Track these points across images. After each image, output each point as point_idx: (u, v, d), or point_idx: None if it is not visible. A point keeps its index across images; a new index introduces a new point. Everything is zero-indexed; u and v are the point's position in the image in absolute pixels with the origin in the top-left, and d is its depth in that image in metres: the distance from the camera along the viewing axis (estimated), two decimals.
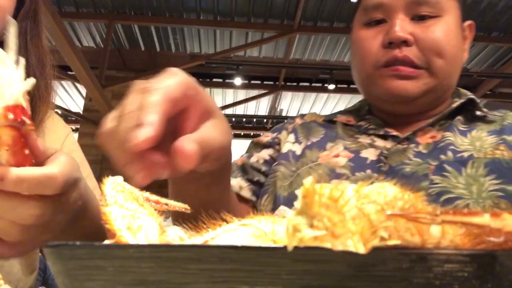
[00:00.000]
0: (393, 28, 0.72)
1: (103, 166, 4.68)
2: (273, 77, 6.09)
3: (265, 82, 6.23)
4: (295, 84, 6.23)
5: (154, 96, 0.35)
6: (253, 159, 0.86)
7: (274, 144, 0.87)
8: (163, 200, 0.30)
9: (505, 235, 0.20)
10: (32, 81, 0.35)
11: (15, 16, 0.70)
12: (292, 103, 6.83)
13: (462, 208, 0.58)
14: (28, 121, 0.35)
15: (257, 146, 0.89)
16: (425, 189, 0.66)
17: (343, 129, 0.84)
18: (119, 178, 0.28)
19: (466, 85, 6.29)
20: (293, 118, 0.93)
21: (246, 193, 0.81)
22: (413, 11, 0.73)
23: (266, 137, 0.90)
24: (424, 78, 0.72)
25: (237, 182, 0.82)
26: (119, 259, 0.20)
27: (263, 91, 6.26)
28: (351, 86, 5.99)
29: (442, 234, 0.21)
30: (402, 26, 0.72)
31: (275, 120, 7.55)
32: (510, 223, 0.20)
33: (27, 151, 0.37)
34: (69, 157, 0.42)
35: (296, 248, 0.19)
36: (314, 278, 0.19)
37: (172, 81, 0.38)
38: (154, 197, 0.29)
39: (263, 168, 0.84)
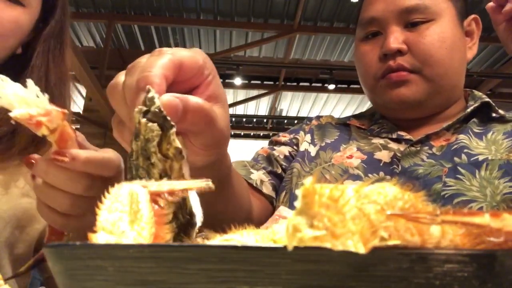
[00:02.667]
0: (387, 41, 0.75)
1: None
2: (273, 77, 6.09)
3: (265, 82, 6.23)
4: (295, 84, 6.23)
5: (162, 58, 0.36)
6: (275, 152, 0.87)
7: (293, 144, 0.89)
8: (178, 186, 0.28)
9: (505, 235, 0.20)
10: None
11: (37, 34, 0.70)
12: (292, 103, 6.83)
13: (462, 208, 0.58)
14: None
15: (276, 143, 0.90)
16: (438, 191, 0.66)
17: (356, 132, 0.85)
18: (121, 189, 0.27)
19: (466, 85, 6.27)
20: (310, 119, 0.95)
21: (266, 188, 0.80)
22: (405, 20, 0.75)
23: (284, 137, 0.91)
24: (418, 81, 0.74)
25: (258, 176, 0.81)
26: (119, 259, 0.20)
27: (263, 91, 6.25)
28: (351, 86, 5.99)
29: (442, 234, 0.21)
30: (395, 37, 0.74)
31: (275, 120, 7.56)
32: (510, 223, 0.20)
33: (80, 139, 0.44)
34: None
35: (296, 248, 0.19)
36: (314, 278, 0.19)
37: (187, 53, 0.38)
38: (166, 187, 0.27)
39: (284, 164, 0.85)
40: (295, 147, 0.88)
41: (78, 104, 6.56)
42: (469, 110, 0.76)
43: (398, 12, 0.75)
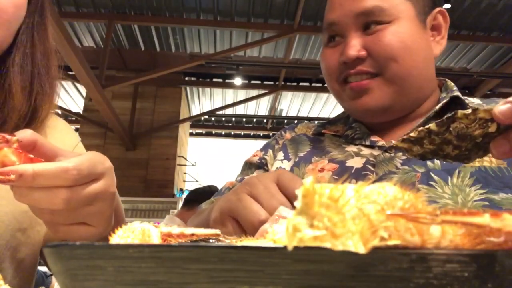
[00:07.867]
0: (345, 48, 0.74)
1: None
2: (273, 77, 6.09)
3: (265, 82, 6.23)
4: (295, 84, 6.23)
5: None
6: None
7: (263, 165, 0.88)
8: (188, 231, 0.30)
9: (505, 235, 0.20)
10: None
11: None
12: (292, 103, 6.82)
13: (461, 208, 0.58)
14: (8, 136, 0.41)
15: (251, 167, 0.90)
16: None
17: (330, 141, 0.85)
18: (134, 224, 0.29)
19: (466, 85, 6.29)
20: (284, 130, 0.94)
21: None
22: (363, 23, 0.74)
23: (255, 156, 0.91)
24: (380, 86, 0.73)
25: None
26: (119, 259, 0.20)
27: (263, 91, 6.25)
28: None
29: (442, 234, 0.21)
30: (353, 44, 0.73)
31: (275, 120, 7.55)
32: (510, 223, 0.20)
33: (32, 156, 0.42)
34: (89, 154, 0.46)
35: (296, 248, 0.19)
36: (314, 278, 0.19)
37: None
38: (177, 230, 0.30)
39: None
40: (265, 167, 0.88)
41: (78, 104, 6.56)
42: (437, 107, 0.75)
43: (355, 15, 0.74)
